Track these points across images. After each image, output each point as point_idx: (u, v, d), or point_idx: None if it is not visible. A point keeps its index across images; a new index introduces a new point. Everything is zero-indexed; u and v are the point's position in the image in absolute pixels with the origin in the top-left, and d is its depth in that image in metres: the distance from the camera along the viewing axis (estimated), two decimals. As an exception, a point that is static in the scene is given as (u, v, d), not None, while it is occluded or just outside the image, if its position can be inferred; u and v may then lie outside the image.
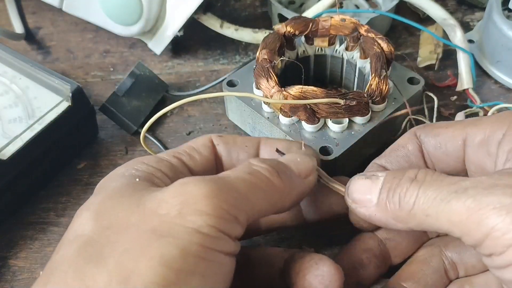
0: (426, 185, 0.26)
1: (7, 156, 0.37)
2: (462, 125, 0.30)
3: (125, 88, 0.46)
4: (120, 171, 0.29)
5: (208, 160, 0.31)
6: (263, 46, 0.39)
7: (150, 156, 0.30)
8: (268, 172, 0.27)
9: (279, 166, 0.28)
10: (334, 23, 0.41)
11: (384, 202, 0.27)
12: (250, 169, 0.27)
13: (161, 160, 0.29)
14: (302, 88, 0.35)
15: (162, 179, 0.28)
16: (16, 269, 0.37)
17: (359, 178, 0.29)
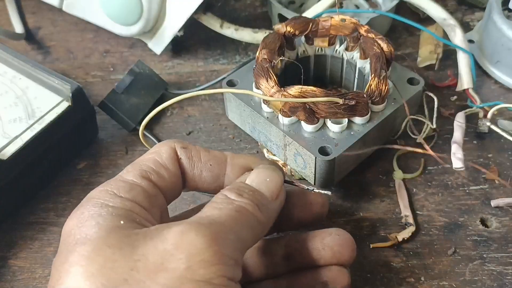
0: None
1: (7, 156, 0.37)
2: None
3: (125, 85, 0.46)
4: (91, 210, 0.26)
5: (175, 175, 0.30)
6: (263, 46, 0.39)
7: (118, 182, 0.28)
8: (251, 207, 0.27)
9: (257, 198, 0.28)
10: (334, 23, 0.41)
11: None
12: (236, 206, 0.27)
13: (133, 187, 0.27)
14: (301, 88, 0.35)
15: (142, 215, 0.26)
16: (16, 269, 0.37)
17: None
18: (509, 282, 0.35)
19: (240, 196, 0.28)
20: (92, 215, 0.25)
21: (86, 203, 0.27)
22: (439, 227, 0.38)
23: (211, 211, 0.27)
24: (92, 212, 0.26)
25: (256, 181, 0.29)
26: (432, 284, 0.35)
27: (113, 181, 0.28)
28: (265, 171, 0.30)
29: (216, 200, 0.28)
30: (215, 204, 0.27)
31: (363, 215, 0.39)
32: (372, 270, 0.36)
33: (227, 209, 0.27)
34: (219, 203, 0.27)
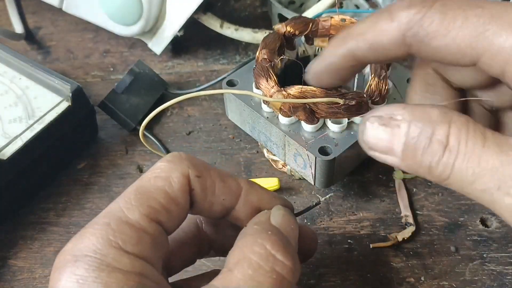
0: (463, 158, 0.22)
1: (7, 156, 0.37)
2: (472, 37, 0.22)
3: (124, 85, 0.46)
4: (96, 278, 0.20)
5: (184, 210, 0.25)
6: (262, 46, 0.39)
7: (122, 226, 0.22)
8: (291, 273, 0.23)
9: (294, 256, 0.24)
10: (334, 23, 0.41)
11: (410, 161, 0.23)
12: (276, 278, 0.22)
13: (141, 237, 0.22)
14: (301, 88, 0.35)
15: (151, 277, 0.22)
16: (16, 269, 0.37)
17: (374, 124, 0.24)
18: (509, 282, 0.35)
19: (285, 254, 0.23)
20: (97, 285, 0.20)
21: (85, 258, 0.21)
22: (439, 227, 0.38)
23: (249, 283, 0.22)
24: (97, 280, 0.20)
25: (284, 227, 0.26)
26: (432, 284, 0.35)
27: (114, 223, 0.22)
28: (289, 216, 0.27)
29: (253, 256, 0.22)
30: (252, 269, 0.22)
31: (363, 215, 0.39)
32: (372, 270, 0.36)
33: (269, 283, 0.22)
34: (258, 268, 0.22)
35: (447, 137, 0.22)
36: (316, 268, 0.36)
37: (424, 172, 0.23)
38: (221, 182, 0.26)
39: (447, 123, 0.22)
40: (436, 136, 0.22)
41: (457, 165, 0.22)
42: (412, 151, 0.23)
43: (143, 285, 0.21)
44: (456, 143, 0.22)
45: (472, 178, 0.21)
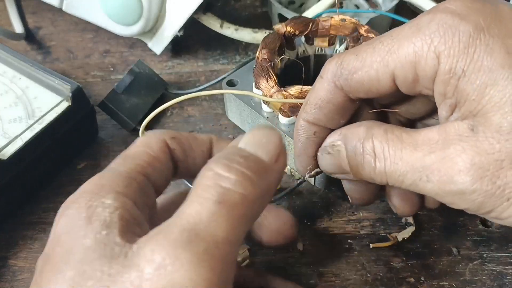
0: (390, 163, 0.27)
1: (7, 156, 0.37)
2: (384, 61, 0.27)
3: (124, 85, 0.46)
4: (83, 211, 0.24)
5: (167, 167, 0.28)
6: (263, 46, 0.39)
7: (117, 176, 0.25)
8: (243, 187, 0.22)
9: (253, 167, 0.23)
10: (334, 23, 0.41)
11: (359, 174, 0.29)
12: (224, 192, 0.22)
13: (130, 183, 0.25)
14: (301, 88, 0.35)
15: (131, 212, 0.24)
16: (16, 269, 0.37)
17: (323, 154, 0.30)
18: (509, 282, 0.35)
19: (230, 170, 0.22)
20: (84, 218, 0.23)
21: (79, 198, 0.24)
22: (439, 227, 0.38)
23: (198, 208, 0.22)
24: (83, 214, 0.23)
25: (250, 142, 0.25)
26: (432, 284, 0.35)
27: (108, 174, 0.26)
28: (260, 131, 0.25)
29: (202, 180, 0.23)
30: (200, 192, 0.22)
31: (363, 215, 0.39)
32: (372, 270, 0.36)
33: (211, 200, 0.22)
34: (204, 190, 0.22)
35: (373, 149, 0.27)
36: (316, 268, 0.36)
37: (372, 181, 0.28)
38: (194, 138, 0.30)
39: (371, 137, 0.27)
40: (366, 150, 0.27)
41: (387, 170, 0.27)
42: (355, 166, 0.28)
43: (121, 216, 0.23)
44: (381, 152, 0.27)
45: (401, 178, 0.26)
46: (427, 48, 0.25)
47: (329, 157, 0.30)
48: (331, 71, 0.29)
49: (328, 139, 0.30)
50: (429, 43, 0.25)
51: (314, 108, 0.30)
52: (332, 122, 0.30)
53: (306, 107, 0.30)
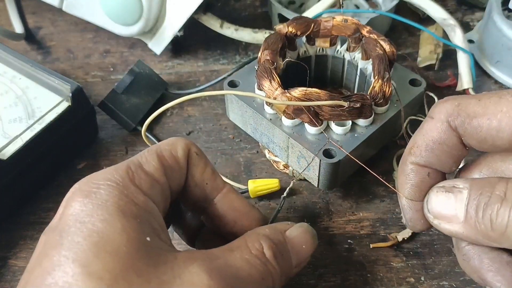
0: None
1: (7, 156, 0.37)
2: (510, 112, 0.25)
3: (124, 85, 0.46)
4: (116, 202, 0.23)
5: (183, 174, 0.29)
6: (265, 46, 0.39)
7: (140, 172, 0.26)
8: (277, 276, 0.27)
9: (287, 265, 0.28)
10: (336, 24, 0.41)
11: (473, 221, 0.25)
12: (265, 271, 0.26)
13: (154, 185, 0.26)
14: (305, 90, 0.35)
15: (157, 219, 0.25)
16: (16, 269, 0.37)
17: (438, 192, 0.27)
18: (509, 282, 0.35)
19: (275, 260, 0.27)
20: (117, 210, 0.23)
21: (107, 185, 0.24)
22: (439, 227, 0.38)
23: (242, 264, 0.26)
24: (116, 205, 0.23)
25: (294, 241, 0.29)
26: (432, 284, 0.35)
27: (134, 167, 0.26)
28: (306, 235, 0.30)
29: (251, 248, 0.27)
30: (248, 256, 0.26)
31: (363, 215, 0.39)
32: (372, 270, 0.36)
33: (257, 271, 0.26)
34: (253, 257, 0.26)
35: (504, 192, 0.24)
36: (316, 268, 0.36)
37: (484, 229, 0.25)
38: (211, 171, 0.30)
39: (505, 181, 0.24)
40: (495, 191, 0.24)
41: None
42: (474, 211, 0.25)
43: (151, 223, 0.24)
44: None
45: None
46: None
47: (445, 196, 0.26)
48: (446, 111, 0.27)
49: (447, 182, 0.27)
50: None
51: (425, 151, 0.28)
52: (445, 165, 0.28)
53: (414, 149, 0.28)
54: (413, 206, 0.29)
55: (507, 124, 0.25)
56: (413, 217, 0.29)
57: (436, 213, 0.27)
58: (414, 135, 0.29)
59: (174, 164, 0.28)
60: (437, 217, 0.27)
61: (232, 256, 0.26)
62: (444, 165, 0.28)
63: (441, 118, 0.27)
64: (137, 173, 0.26)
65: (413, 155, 0.28)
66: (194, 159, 0.29)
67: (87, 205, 0.23)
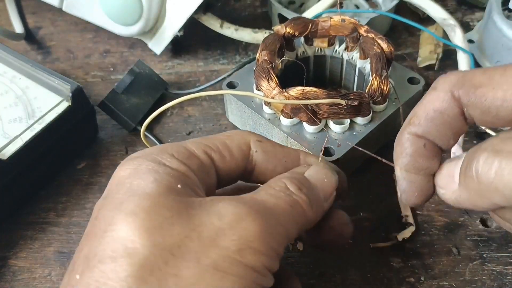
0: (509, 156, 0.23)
1: (7, 156, 0.37)
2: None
3: (124, 85, 0.46)
4: (149, 164, 0.26)
5: (238, 164, 0.30)
6: (263, 47, 0.39)
7: (179, 147, 0.28)
8: (305, 204, 0.27)
9: (312, 195, 0.28)
10: (334, 24, 0.41)
11: (463, 180, 0.25)
12: (292, 201, 0.27)
13: (191, 156, 0.28)
14: (303, 89, 0.35)
15: (194, 181, 0.27)
16: (16, 269, 0.37)
17: (445, 162, 0.27)
18: (509, 282, 0.35)
19: (299, 191, 0.28)
20: (150, 169, 0.25)
21: (143, 157, 0.26)
22: (439, 227, 0.38)
23: (268, 197, 0.27)
24: (150, 166, 0.26)
25: (314, 177, 0.30)
26: (432, 284, 0.35)
27: (174, 145, 0.28)
28: (324, 170, 0.30)
29: (275, 186, 0.28)
30: (273, 191, 0.27)
31: (363, 215, 0.39)
32: (372, 270, 0.36)
33: (284, 200, 0.27)
34: (277, 191, 0.27)
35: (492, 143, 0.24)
36: (316, 268, 0.36)
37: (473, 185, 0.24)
38: (280, 147, 0.31)
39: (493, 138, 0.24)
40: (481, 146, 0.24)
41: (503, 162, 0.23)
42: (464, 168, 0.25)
43: (185, 180, 0.26)
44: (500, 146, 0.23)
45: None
46: None
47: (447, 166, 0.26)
48: (451, 81, 0.27)
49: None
50: None
51: (424, 120, 0.27)
52: (443, 138, 0.27)
53: (413, 119, 0.28)
54: (407, 177, 0.28)
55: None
56: (406, 189, 0.29)
57: (439, 183, 0.27)
58: (415, 107, 0.28)
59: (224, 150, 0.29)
60: (440, 187, 0.27)
61: (257, 195, 0.27)
62: (442, 137, 0.27)
63: (444, 88, 0.27)
64: (175, 147, 0.28)
65: (411, 124, 0.28)
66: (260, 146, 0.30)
67: (126, 171, 0.26)
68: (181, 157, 0.27)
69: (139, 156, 0.27)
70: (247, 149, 0.30)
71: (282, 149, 0.31)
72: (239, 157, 0.30)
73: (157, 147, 0.28)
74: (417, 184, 0.28)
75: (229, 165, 0.29)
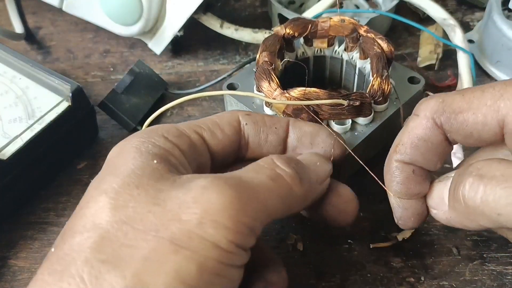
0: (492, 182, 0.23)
1: (7, 156, 0.37)
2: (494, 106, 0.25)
3: (124, 85, 0.46)
4: (135, 142, 0.27)
5: (231, 140, 0.30)
6: (263, 48, 0.39)
7: (170, 127, 0.28)
8: (291, 178, 0.27)
9: (302, 171, 0.28)
10: (333, 24, 0.41)
11: (452, 203, 0.26)
12: (274, 174, 0.26)
13: (181, 135, 0.28)
14: (304, 90, 0.35)
15: (179, 159, 0.27)
16: (16, 269, 0.37)
17: (435, 182, 0.28)
18: (509, 282, 0.35)
19: (286, 165, 0.27)
20: (133, 148, 0.26)
21: (134, 136, 0.28)
22: (439, 227, 0.38)
23: (248, 171, 0.26)
24: (134, 145, 0.27)
25: (307, 160, 0.29)
26: (432, 284, 0.35)
27: (166, 125, 0.29)
28: (317, 156, 0.30)
29: (260, 161, 0.27)
30: (256, 166, 0.27)
31: (363, 215, 0.39)
32: (372, 270, 0.36)
33: (265, 174, 0.26)
34: (261, 166, 0.27)
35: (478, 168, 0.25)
36: (316, 268, 0.36)
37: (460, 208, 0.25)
38: (269, 117, 0.31)
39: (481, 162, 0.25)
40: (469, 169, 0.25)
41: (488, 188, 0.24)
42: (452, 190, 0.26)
43: (167, 157, 0.26)
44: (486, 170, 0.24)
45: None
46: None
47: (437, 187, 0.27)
48: (431, 108, 0.27)
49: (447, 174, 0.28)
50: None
51: (409, 148, 0.28)
52: (429, 163, 0.28)
53: (399, 147, 0.29)
54: (401, 204, 0.29)
55: (492, 117, 0.25)
56: (403, 215, 0.30)
57: (430, 203, 0.28)
58: (399, 133, 0.29)
59: (214, 128, 0.29)
60: (432, 206, 0.28)
61: (240, 170, 0.27)
62: (429, 163, 0.28)
63: (426, 115, 0.28)
64: (166, 127, 0.28)
65: (398, 152, 0.29)
66: (249, 118, 0.31)
67: (113, 151, 0.27)
68: (170, 137, 0.27)
69: (130, 136, 0.28)
70: (237, 124, 0.30)
71: (270, 118, 0.31)
72: (230, 133, 0.30)
73: (151, 128, 0.29)
74: (412, 209, 0.29)
75: (222, 142, 0.29)
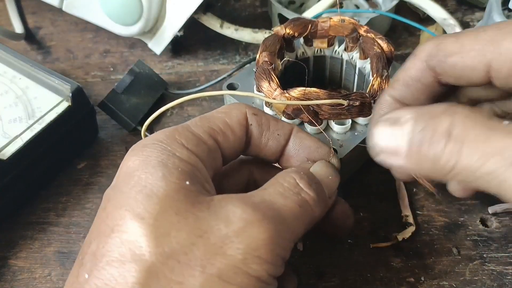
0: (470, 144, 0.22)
1: (7, 156, 0.37)
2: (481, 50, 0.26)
3: (124, 85, 0.46)
4: (158, 155, 0.25)
5: (241, 141, 0.30)
6: (263, 48, 0.39)
7: (187, 133, 0.27)
8: (313, 202, 0.27)
9: (320, 191, 0.28)
10: (333, 24, 0.41)
11: (415, 156, 0.24)
12: (300, 200, 0.27)
13: (200, 143, 0.27)
14: (304, 90, 0.35)
15: (203, 174, 0.27)
16: (16, 269, 0.37)
17: (383, 126, 0.26)
18: (509, 282, 0.35)
19: (309, 187, 0.28)
20: (159, 162, 0.25)
21: (152, 144, 0.26)
22: (439, 227, 0.38)
23: (277, 197, 0.26)
24: (159, 158, 0.25)
25: (319, 173, 0.30)
26: (432, 284, 0.35)
27: (181, 129, 0.28)
28: (328, 168, 0.30)
29: (283, 182, 0.27)
30: (282, 189, 0.27)
31: (363, 215, 0.39)
32: (372, 270, 0.36)
33: (293, 200, 0.27)
34: (287, 189, 0.27)
35: (449, 127, 0.23)
36: (316, 268, 0.36)
37: (428, 166, 0.24)
38: (274, 120, 0.31)
39: (451, 115, 0.23)
40: (440, 127, 0.23)
41: (464, 151, 0.22)
42: (417, 146, 0.24)
43: (194, 173, 0.26)
44: (461, 131, 0.23)
45: (479, 162, 0.22)
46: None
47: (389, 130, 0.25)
48: (427, 50, 0.28)
49: (391, 113, 0.26)
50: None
51: (402, 85, 0.30)
52: (417, 102, 0.30)
53: (394, 83, 0.30)
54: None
55: (480, 61, 0.26)
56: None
57: (381, 147, 0.26)
58: (398, 71, 0.31)
59: (226, 129, 0.29)
60: (382, 150, 0.26)
61: (266, 192, 0.27)
62: (417, 102, 0.30)
63: (421, 57, 0.29)
64: (183, 132, 0.27)
65: (391, 87, 0.31)
66: (255, 119, 0.30)
67: (135, 162, 0.26)
68: (190, 146, 0.27)
69: (148, 144, 0.26)
70: (246, 123, 0.30)
71: (276, 122, 0.31)
72: (240, 134, 0.30)
73: (166, 133, 0.27)
74: None
75: (233, 144, 0.29)
